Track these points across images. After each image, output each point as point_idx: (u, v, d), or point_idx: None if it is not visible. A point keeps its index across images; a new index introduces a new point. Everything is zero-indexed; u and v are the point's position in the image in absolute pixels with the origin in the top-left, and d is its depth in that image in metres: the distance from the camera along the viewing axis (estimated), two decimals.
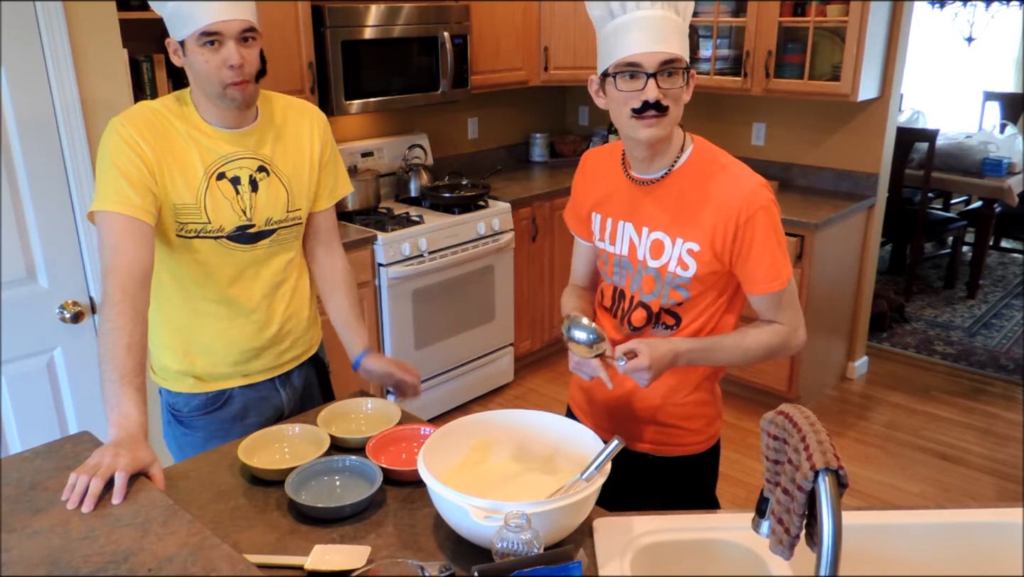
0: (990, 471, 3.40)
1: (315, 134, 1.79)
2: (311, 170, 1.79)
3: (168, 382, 1.82)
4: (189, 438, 1.83)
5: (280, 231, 1.76)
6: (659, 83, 1.43)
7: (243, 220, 1.69)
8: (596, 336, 1.53)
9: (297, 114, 1.79)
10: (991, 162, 5.08)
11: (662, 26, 1.42)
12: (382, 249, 3.34)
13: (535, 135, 4.79)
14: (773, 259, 1.53)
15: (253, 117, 1.71)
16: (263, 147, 1.71)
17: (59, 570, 1.10)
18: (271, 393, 1.87)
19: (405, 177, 3.97)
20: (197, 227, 1.66)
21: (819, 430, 1.02)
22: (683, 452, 1.72)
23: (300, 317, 1.87)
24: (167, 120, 1.63)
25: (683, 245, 1.55)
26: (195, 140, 1.64)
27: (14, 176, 2.13)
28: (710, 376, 1.71)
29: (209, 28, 1.52)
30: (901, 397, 4.03)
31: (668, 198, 1.57)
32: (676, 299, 1.60)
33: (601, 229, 1.68)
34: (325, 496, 1.48)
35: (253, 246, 1.73)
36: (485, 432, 1.52)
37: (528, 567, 1.12)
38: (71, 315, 2.24)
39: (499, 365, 4.05)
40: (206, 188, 1.64)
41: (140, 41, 2.84)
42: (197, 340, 1.77)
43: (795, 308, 1.62)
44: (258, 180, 1.70)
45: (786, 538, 1.06)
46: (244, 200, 1.69)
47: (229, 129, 1.67)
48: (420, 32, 3.61)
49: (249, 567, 1.11)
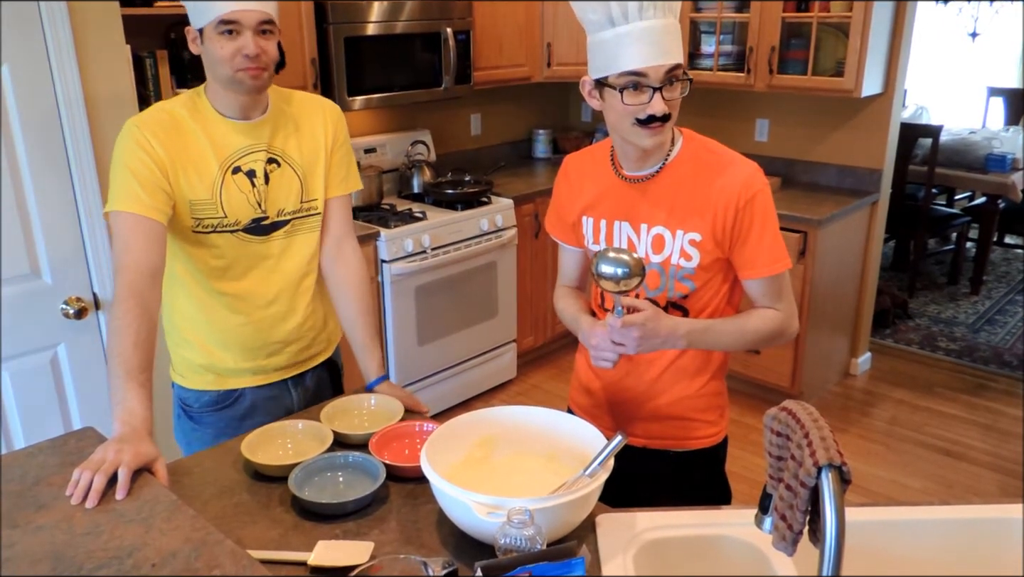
0: (993, 467, 3.39)
1: (328, 124, 1.81)
2: (326, 159, 1.80)
3: (185, 378, 1.83)
4: (198, 433, 1.84)
5: (294, 222, 1.77)
6: (664, 94, 1.43)
7: (258, 212, 1.72)
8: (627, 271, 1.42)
9: (311, 106, 1.81)
10: (995, 158, 5.07)
11: (664, 36, 1.42)
12: (385, 245, 3.35)
13: (538, 131, 4.79)
14: (773, 241, 1.55)
15: (264, 109, 1.72)
16: (275, 138, 1.73)
17: (63, 565, 1.10)
18: (283, 393, 1.88)
19: (408, 173, 3.97)
20: (214, 222, 1.68)
21: (822, 426, 1.02)
22: (701, 445, 1.73)
23: (319, 316, 1.88)
24: (182, 120, 1.66)
25: (684, 236, 1.55)
26: (209, 135, 1.66)
27: (18, 172, 2.13)
28: (721, 366, 1.72)
29: (228, 16, 1.55)
30: (904, 393, 4.02)
31: (664, 192, 1.57)
32: (682, 291, 1.60)
33: (595, 232, 1.66)
34: (328, 492, 1.48)
35: (267, 238, 1.74)
36: (488, 428, 1.52)
37: (531, 563, 1.12)
38: (75, 311, 2.24)
39: (502, 361, 4.06)
40: (222, 183, 1.67)
41: (143, 37, 2.84)
42: (217, 334, 1.78)
43: (791, 296, 1.63)
44: (269, 172, 1.72)
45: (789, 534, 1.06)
46: (259, 192, 1.71)
47: (242, 120, 1.69)
48: (423, 28, 3.61)
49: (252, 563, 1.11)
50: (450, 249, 3.58)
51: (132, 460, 1.32)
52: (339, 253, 1.86)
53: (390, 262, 3.36)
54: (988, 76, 7.81)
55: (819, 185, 4.07)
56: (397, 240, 3.37)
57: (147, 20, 2.85)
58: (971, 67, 7.91)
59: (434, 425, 1.64)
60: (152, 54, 2.87)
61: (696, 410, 1.70)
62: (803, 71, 3.71)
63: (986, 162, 5.11)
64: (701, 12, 4.01)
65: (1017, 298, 5.21)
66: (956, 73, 7.94)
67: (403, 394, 1.81)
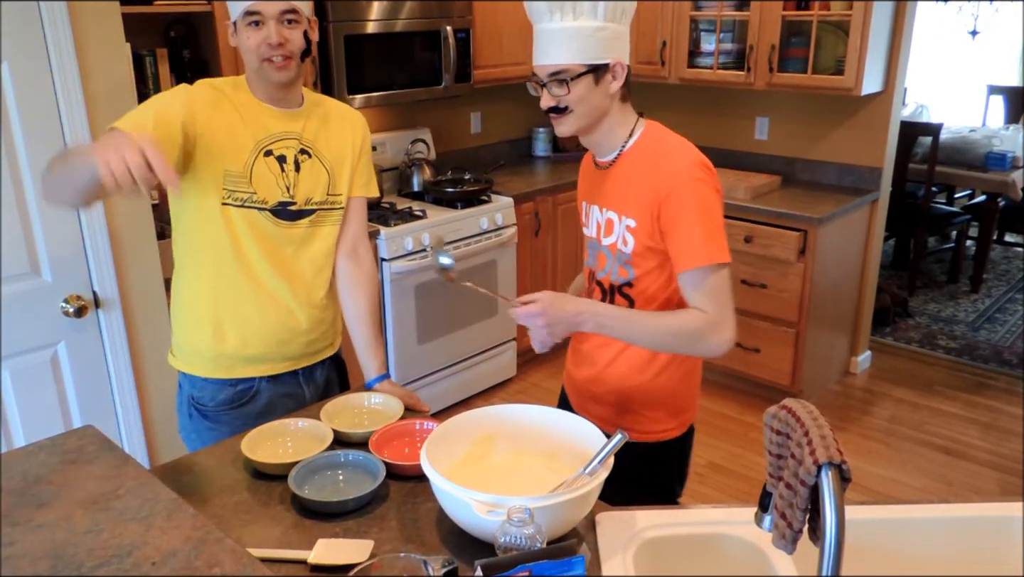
0: (993, 465, 3.39)
1: (357, 130, 1.90)
2: (352, 160, 1.88)
3: (195, 367, 1.84)
4: (214, 433, 1.83)
5: (320, 212, 1.83)
6: (552, 91, 1.56)
7: (286, 196, 1.77)
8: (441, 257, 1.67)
9: (341, 112, 1.90)
10: (995, 156, 5.07)
11: (554, 39, 1.54)
12: (385, 244, 3.34)
13: (538, 130, 4.78)
14: (705, 234, 1.51)
15: (299, 101, 1.81)
16: (308, 131, 1.81)
17: (63, 564, 1.10)
18: (296, 389, 1.90)
19: (408, 172, 3.97)
20: (244, 196, 1.73)
21: (822, 425, 1.02)
22: (641, 438, 1.71)
23: (331, 309, 1.92)
24: (225, 95, 1.74)
25: (624, 222, 1.62)
26: (246, 116, 1.73)
27: (17, 170, 2.13)
28: (671, 364, 1.70)
29: (251, 8, 1.65)
30: (904, 392, 4.03)
31: (618, 179, 1.65)
32: (624, 276, 1.65)
33: (583, 215, 1.79)
34: (328, 491, 1.48)
35: (293, 224, 1.79)
36: (488, 427, 1.52)
37: (531, 561, 1.12)
38: (75, 309, 2.24)
39: (502, 360, 4.06)
40: (254, 161, 1.73)
41: (143, 36, 2.84)
42: (232, 314, 1.80)
43: (721, 301, 1.53)
44: (300, 161, 1.79)
45: (789, 533, 1.06)
46: (288, 178, 1.77)
47: (277, 108, 1.77)
48: (423, 26, 3.61)
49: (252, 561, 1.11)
50: (450, 247, 3.58)
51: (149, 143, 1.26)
52: (353, 251, 1.92)
53: (390, 260, 3.36)
54: (988, 74, 7.81)
55: (819, 183, 4.07)
56: (397, 239, 3.37)
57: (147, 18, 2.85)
58: (971, 65, 7.91)
59: (434, 424, 1.64)
60: (152, 52, 2.87)
61: (640, 404, 1.71)
62: (803, 69, 3.71)
63: (986, 160, 5.11)
64: (701, 11, 4.01)
65: (1017, 296, 5.21)
66: (956, 71, 7.94)
67: (403, 392, 1.82)
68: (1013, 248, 6.12)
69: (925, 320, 4.85)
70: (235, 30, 1.71)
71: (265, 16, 1.66)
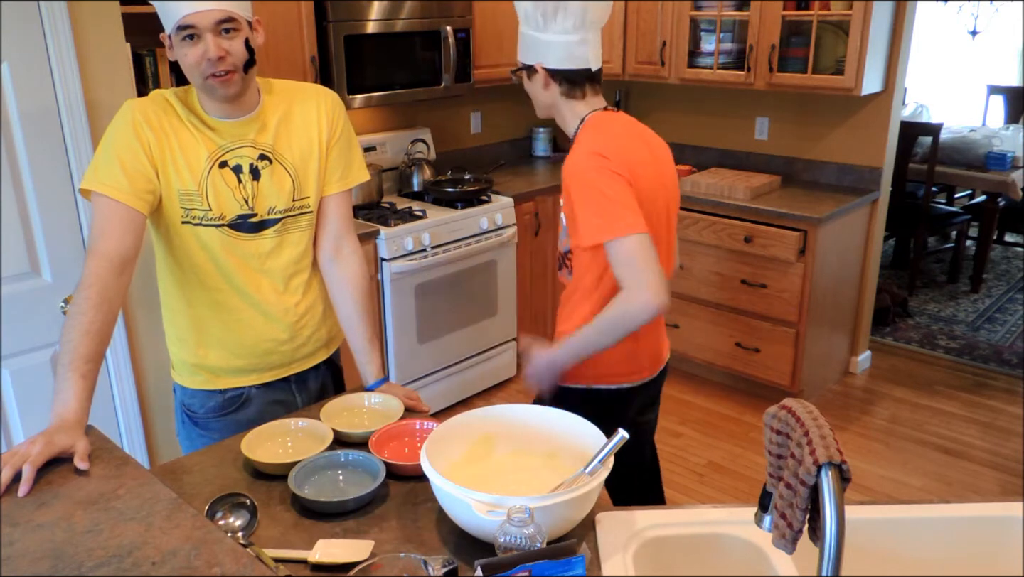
0: (993, 465, 3.39)
1: (322, 116, 1.77)
2: (320, 155, 1.76)
3: (183, 378, 1.82)
4: (205, 440, 1.82)
5: (286, 220, 1.74)
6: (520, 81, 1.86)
7: (245, 209, 1.69)
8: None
9: (304, 98, 1.77)
10: (995, 156, 5.07)
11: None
12: (385, 244, 3.34)
13: (538, 130, 4.78)
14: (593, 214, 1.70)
15: (253, 105, 1.69)
16: (265, 135, 1.70)
17: (63, 564, 1.10)
18: (288, 396, 1.86)
19: (408, 172, 3.97)
20: (199, 214, 1.66)
21: (822, 424, 1.02)
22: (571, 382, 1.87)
23: (315, 313, 1.85)
24: (176, 109, 1.65)
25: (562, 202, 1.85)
26: (198, 129, 1.65)
27: (17, 170, 2.13)
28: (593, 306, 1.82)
29: (183, 22, 1.52)
30: (904, 391, 4.03)
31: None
32: (566, 245, 1.85)
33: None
34: (328, 490, 1.48)
35: (257, 235, 1.71)
36: (488, 427, 1.52)
37: (531, 561, 1.12)
38: None
39: (502, 360, 4.06)
40: (208, 175, 1.64)
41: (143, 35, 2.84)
42: (209, 332, 1.77)
43: (633, 267, 1.67)
44: (260, 168, 1.69)
45: (789, 532, 1.06)
46: (246, 189, 1.68)
47: (228, 119, 1.67)
48: (423, 26, 3.60)
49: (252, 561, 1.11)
50: (450, 248, 3.58)
51: (39, 454, 1.29)
52: (337, 252, 1.83)
53: (390, 260, 3.36)
54: (988, 74, 7.81)
55: (819, 183, 4.07)
56: (397, 238, 3.37)
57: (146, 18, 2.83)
58: (971, 65, 7.91)
59: (434, 423, 1.64)
60: (152, 52, 2.87)
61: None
62: (803, 69, 3.71)
63: (986, 160, 5.11)
64: (701, 10, 4.01)
65: (1017, 296, 5.21)
66: (956, 71, 7.94)
67: (403, 392, 1.81)
68: (1013, 248, 6.11)
69: (925, 320, 4.85)
70: (170, 44, 1.57)
71: (200, 28, 1.52)
